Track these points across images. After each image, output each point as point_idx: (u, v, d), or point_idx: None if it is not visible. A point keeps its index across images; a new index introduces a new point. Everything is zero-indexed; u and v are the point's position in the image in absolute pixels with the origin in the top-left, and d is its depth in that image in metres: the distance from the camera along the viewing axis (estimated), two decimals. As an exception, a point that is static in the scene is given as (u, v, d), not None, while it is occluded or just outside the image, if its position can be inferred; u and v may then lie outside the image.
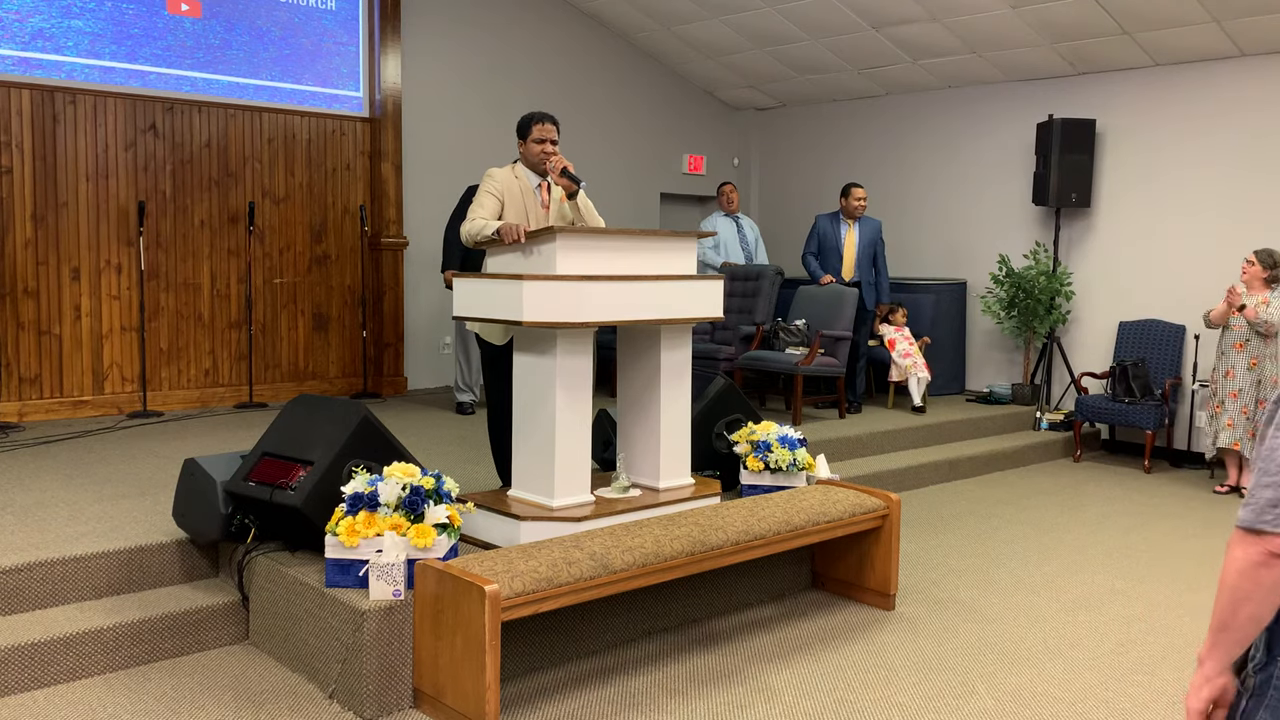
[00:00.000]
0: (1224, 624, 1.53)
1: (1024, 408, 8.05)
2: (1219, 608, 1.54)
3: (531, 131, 4.33)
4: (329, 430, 3.69)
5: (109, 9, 6.56)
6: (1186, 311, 7.46)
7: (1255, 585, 1.49)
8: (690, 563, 3.61)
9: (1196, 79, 7.48)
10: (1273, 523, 1.47)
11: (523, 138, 4.37)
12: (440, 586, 3.16)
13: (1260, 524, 1.47)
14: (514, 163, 4.44)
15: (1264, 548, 1.48)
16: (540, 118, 4.34)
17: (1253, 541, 1.49)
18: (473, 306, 4.02)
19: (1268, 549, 1.47)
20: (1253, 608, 1.50)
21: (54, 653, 3.34)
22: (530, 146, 4.34)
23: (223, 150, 7.08)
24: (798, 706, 3.40)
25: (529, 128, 4.34)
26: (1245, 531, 1.50)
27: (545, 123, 4.32)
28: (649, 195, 9.60)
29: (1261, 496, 1.49)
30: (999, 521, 5.83)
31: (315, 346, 7.57)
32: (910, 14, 7.65)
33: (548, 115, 4.36)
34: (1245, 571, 1.49)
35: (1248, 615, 1.51)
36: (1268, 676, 1.54)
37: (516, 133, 4.41)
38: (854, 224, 7.58)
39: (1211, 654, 1.56)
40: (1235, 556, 1.51)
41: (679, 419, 4.27)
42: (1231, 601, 1.51)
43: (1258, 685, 1.55)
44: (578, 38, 9.01)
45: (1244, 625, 1.52)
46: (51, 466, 5.09)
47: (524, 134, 4.36)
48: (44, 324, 6.40)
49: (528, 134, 4.34)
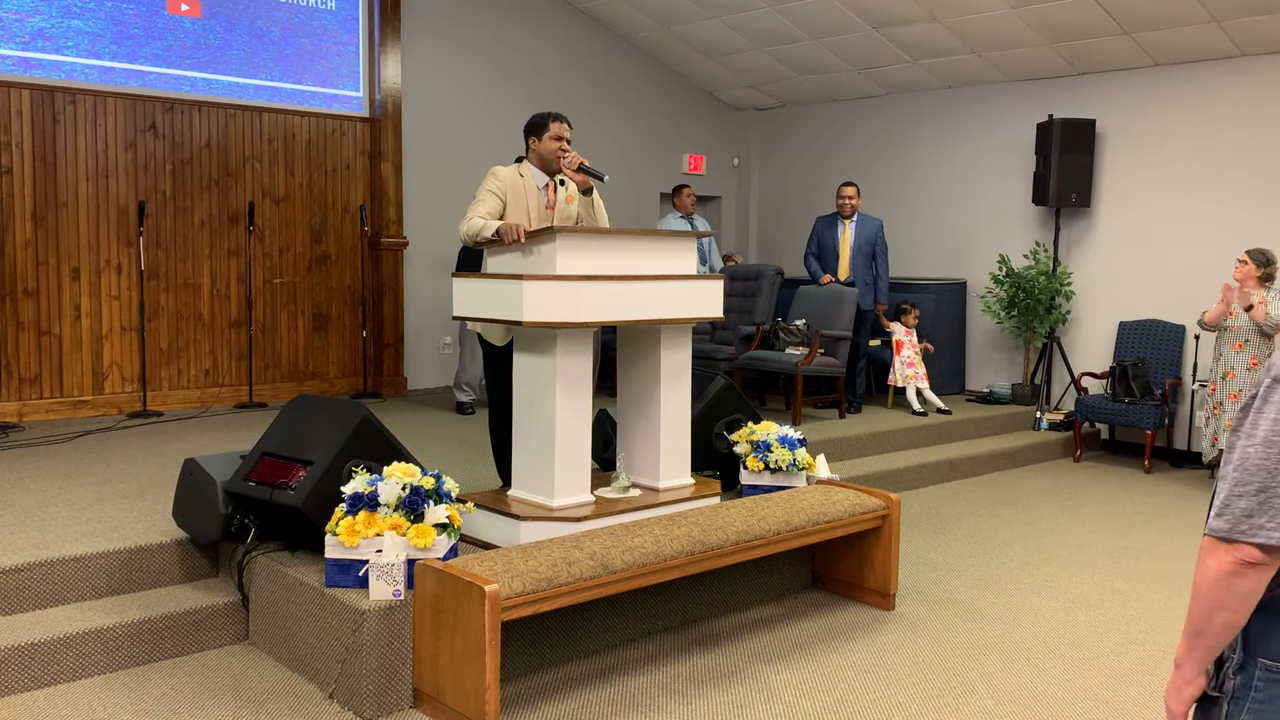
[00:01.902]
0: (1200, 630, 1.56)
1: (1024, 408, 8.05)
2: (1193, 615, 1.56)
3: (549, 129, 4.28)
4: (329, 430, 3.69)
5: (109, 9, 6.56)
6: (1186, 311, 7.46)
7: (1229, 594, 1.51)
8: (690, 563, 3.61)
9: (1196, 79, 7.48)
10: (1247, 533, 1.48)
11: (537, 135, 4.32)
12: (440, 586, 3.16)
13: (1235, 534, 1.49)
14: (518, 161, 4.43)
15: (1237, 557, 1.49)
16: (556, 116, 4.31)
17: (1226, 551, 1.50)
18: (473, 306, 4.02)
19: (1241, 558, 1.49)
20: (1227, 615, 1.52)
21: (54, 653, 3.34)
22: (546, 144, 4.29)
23: (223, 150, 7.08)
24: (798, 706, 3.40)
25: (545, 125, 4.29)
26: (1218, 541, 1.52)
27: (561, 121, 4.30)
28: (649, 195, 9.60)
29: (1236, 506, 1.50)
30: (999, 521, 5.83)
31: (315, 346, 7.57)
32: (910, 14, 7.65)
33: (562, 114, 4.35)
34: (1219, 580, 1.51)
35: (1222, 622, 1.53)
36: (1248, 678, 1.56)
37: (527, 131, 4.36)
38: (849, 223, 7.57)
39: (1189, 658, 1.59)
40: (1208, 566, 1.52)
41: (679, 419, 4.27)
42: (1206, 609, 1.53)
43: (1237, 688, 1.57)
44: (578, 38, 9.01)
45: (1219, 632, 1.54)
46: (51, 466, 5.09)
47: (538, 132, 4.31)
48: (44, 324, 6.40)
49: (543, 132, 4.29)
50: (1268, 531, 1.47)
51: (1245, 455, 1.51)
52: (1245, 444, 1.52)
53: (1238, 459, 1.52)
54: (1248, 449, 1.51)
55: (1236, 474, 1.52)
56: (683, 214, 8.39)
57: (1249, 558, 1.49)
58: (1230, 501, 1.51)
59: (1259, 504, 1.48)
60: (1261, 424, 1.51)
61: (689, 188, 8.51)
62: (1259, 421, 1.51)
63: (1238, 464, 1.52)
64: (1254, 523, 1.48)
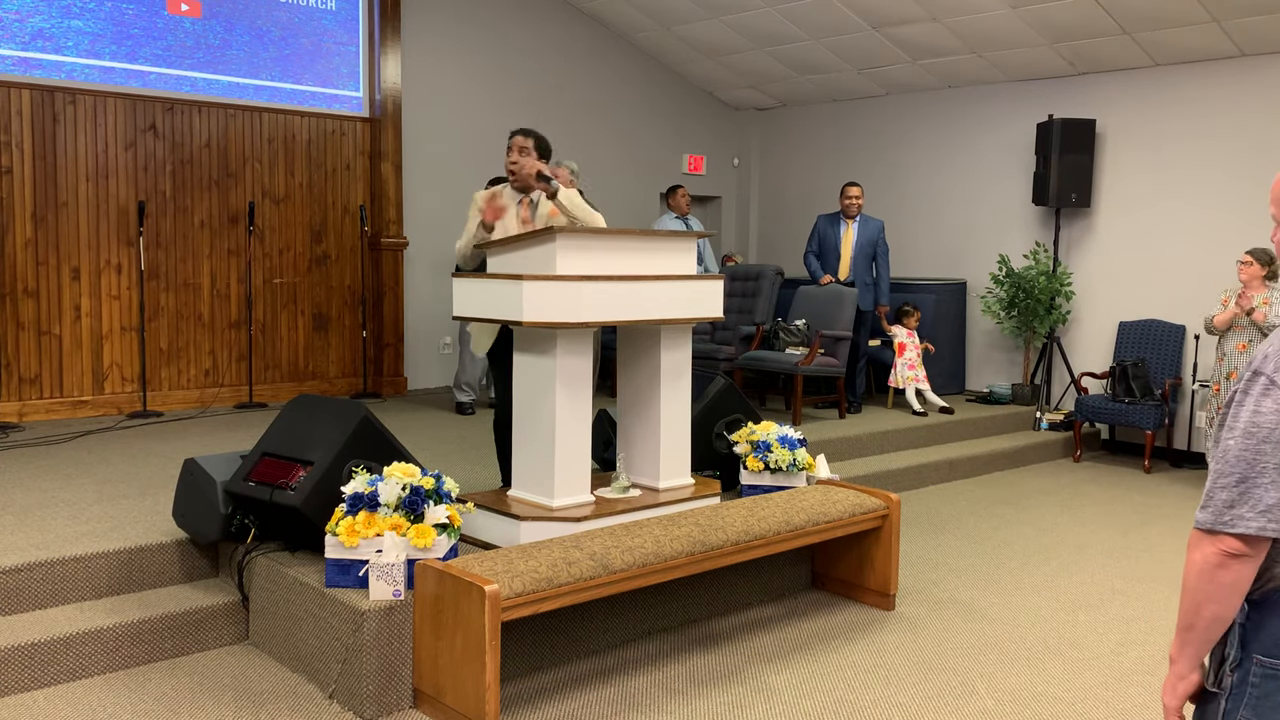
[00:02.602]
0: (1189, 625, 1.57)
1: (1024, 408, 8.05)
2: (1183, 609, 1.57)
3: (508, 148, 4.37)
4: (329, 430, 3.69)
5: (109, 9, 6.56)
6: (1186, 311, 7.47)
7: (1215, 586, 1.52)
8: (690, 563, 3.61)
9: (1196, 79, 7.48)
10: (1229, 524, 1.50)
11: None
12: (440, 586, 3.16)
13: (1219, 525, 1.51)
14: (499, 182, 4.48)
15: (1220, 548, 1.51)
16: (511, 134, 4.37)
17: (1210, 542, 1.52)
18: (473, 306, 4.02)
19: (1223, 549, 1.51)
20: (1215, 608, 1.53)
21: (54, 653, 3.34)
22: (506, 164, 4.37)
23: (223, 150, 7.08)
24: (798, 706, 3.40)
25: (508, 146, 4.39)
26: (1204, 533, 1.53)
27: (513, 137, 4.34)
28: (649, 195, 9.60)
29: (1218, 498, 1.52)
30: (999, 521, 5.83)
31: (315, 346, 7.57)
32: (910, 14, 7.65)
33: (517, 130, 4.38)
34: (1205, 573, 1.53)
35: (1210, 615, 1.54)
36: (1244, 674, 1.57)
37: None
38: (852, 223, 7.56)
39: (1182, 653, 1.60)
40: (1194, 559, 1.54)
41: (679, 419, 4.27)
42: (1194, 603, 1.55)
43: (1235, 684, 1.57)
44: (577, 37, 9.01)
45: (1209, 625, 1.55)
46: (51, 466, 5.09)
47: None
48: (44, 324, 6.40)
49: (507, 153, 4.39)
50: (1246, 521, 1.49)
51: (1226, 447, 1.53)
52: (1227, 436, 1.54)
53: (1220, 451, 1.54)
54: (1228, 441, 1.53)
55: (1218, 466, 1.54)
56: (678, 214, 8.40)
57: (1231, 549, 1.50)
58: (1213, 493, 1.53)
59: (1239, 495, 1.50)
60: (1241, 416, 1.53)
61: (683, 188, 8.52)
62: (1239, 414, 1.54)
63: (1220, 456, 1.54)
64: (1235, 513, 1.50)
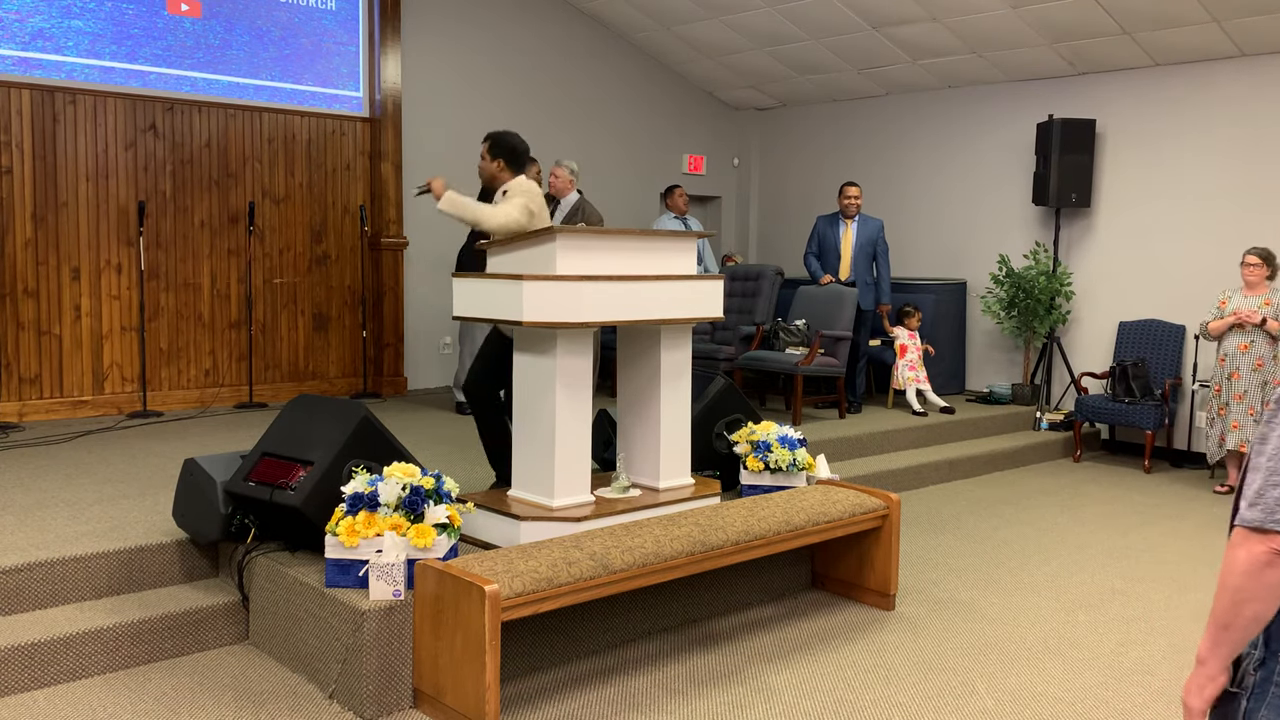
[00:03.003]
0: (1226, 624, 1.52)
1: (1024, 408, 8.05)
2: (1221, 608, 1.52)
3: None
4: (329, 430, 3.69)
5: (109, 9, 6.56)
6: (1186, 311, 7.46)
7: (1259, 584, 1.48)
8: (690, 563, 3.61)
9: (1196, 79, 7.48)
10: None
11: None
12: (440, 586, 3.16)
13: (1270, 524, 1.46)
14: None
15: (1270, 546, 1.46)
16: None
17: (1259, 541, 1.47)
18: (473, 306, 4.02)
19: (1275, 548, 1.46)
20: (1257, 607, 1.49)
21: (54, 653, 3.34)
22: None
23: (223, 150, 7.08)
24: (798, 706, 3.40)
25: None
26: (1251, 531, 1.48)
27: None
28: (649, 195, 9.59)
29: (1270, 496, 1.47)
30: (999, 521, 5.83)
31: (315, 346, 7.57)
32: (910, 14, 7.65)
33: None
34: (1250, 571, 1.48)
35: (1251, 615, 1.50)
36: (1268, 674, 1.53)
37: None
38: (851, 223, 7.56)
39: (1214, 653, 1.55)
40: (1239, 557, 1.49)
41: (679, 419, 4.27)
42: (1234, 602, 1.50)
43: (1258, 683, 1.54)
44: (577, 37, 9.01)
45: (1247, 625, 1.51)
46: (51, 466, 5.09)
47: None
48: (44, 324, 6.40)
49: None
50: None
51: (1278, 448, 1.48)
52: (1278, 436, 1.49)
53: (1272, 449, 1.49)
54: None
55: (1271, 464, 1.48)
56: (676, 214, 8.40)
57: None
58: (1265, 491, 1.47)
59: None
60: None
61: (680, 187, 8.52)
62: None
63: (1272, 454, 1.48)
64: None
